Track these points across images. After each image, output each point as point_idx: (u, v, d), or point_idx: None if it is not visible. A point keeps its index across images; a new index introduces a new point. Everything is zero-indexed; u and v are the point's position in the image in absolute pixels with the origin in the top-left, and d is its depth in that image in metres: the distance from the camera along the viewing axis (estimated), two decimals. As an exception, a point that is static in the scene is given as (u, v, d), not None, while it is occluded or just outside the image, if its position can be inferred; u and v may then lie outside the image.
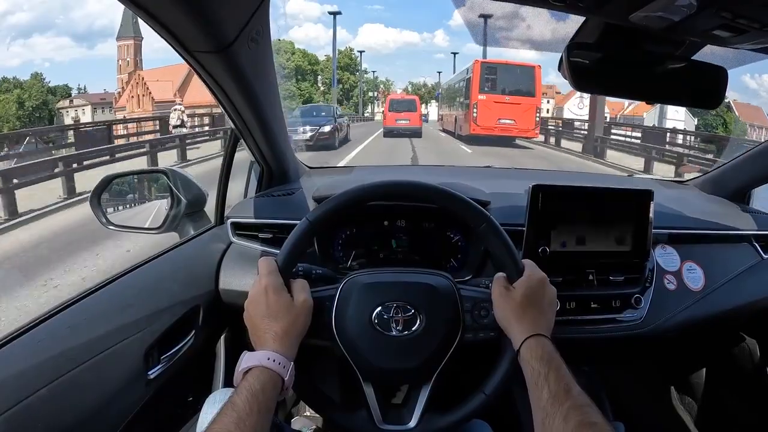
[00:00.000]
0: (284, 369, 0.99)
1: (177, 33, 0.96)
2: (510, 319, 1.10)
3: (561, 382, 0.96)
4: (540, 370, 0.99)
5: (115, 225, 1.65)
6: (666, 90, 1.25)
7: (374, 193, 1.20)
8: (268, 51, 1.25)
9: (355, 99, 79.30)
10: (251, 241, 1.59)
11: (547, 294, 1.15)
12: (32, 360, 1.00)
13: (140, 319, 1.24)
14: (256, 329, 1.06)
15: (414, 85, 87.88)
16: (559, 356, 1.03)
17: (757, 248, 1.88)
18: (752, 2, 0.86)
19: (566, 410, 0.91)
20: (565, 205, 1.47)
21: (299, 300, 1.08)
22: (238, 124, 1.43)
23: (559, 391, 0.95)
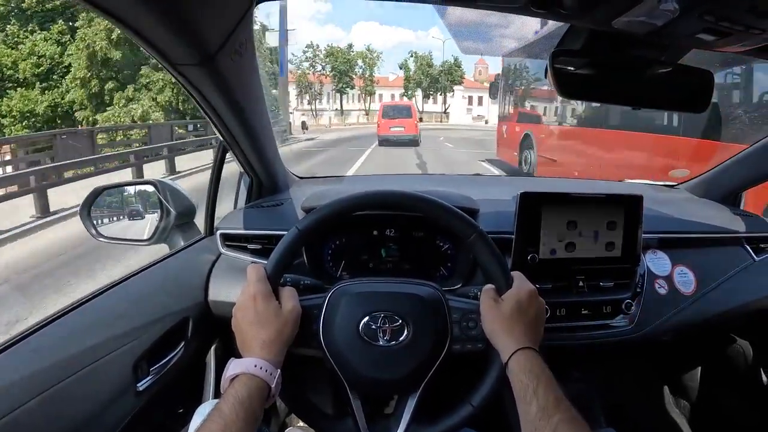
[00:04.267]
0: (271, 376, 1.00)
1: (159, 46, 0.95)
2: (498, 331, 1.10)
3: (550, 395, 0.96)
4: (528, 384, 0.99)
5: (105, 237, 1.65)
6: (653, 95, 1.25)
7: (364, 203, 1.20)
8: (253, 62, 1.24)
9: (342, 85, 71.74)
10: (240, 253, 1.59)
11: (536, 306, 1.14)
12: (20, 372, 1.00)
13: (129, 330, 1.24)
14: (243, 336, 1.06)
15: (419, 58, 76.70)
16: (548, 370, 1.02)
17: (749, 250, 1.88)
18: (734, 5, 0.86)
19: (555, 423, 0.91)
20: (553, 211, 1.46)
21: (287, 307, 1.08)
22: (225, 136, 1.43)
23: (548, 405, 0.95)
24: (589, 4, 0.96)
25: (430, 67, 74.05)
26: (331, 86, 71.57)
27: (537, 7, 0.98)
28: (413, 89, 74.10)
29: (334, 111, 72.24)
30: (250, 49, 1.17)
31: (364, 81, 73.17)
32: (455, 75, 74.70)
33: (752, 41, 1.00)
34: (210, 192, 1.68)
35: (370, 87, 74.02)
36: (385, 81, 77.51)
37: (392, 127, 26.78)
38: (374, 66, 73.47)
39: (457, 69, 74.38)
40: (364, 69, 73.35)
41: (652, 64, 1.20)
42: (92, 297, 1.26)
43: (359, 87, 73.31)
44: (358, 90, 73.99)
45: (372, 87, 74.33)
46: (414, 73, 74.20)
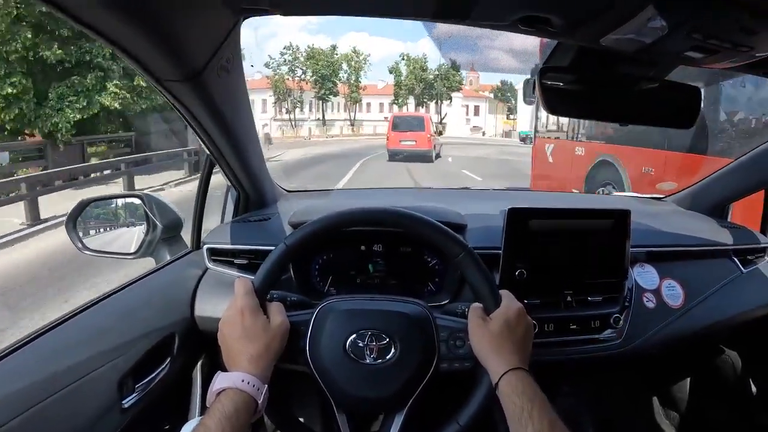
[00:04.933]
0: (258, 391, 0.99)
1: (144, 62, 0.95)
2: (488, 351, 1.09)
3: (544, 419, 0.95)
4: (523, 407, 0.98)
5: (90, 250, 1.63)
6: (640, 111, 1.25)
7: (354, 220, 1.21)
8: (240, 77, 1.24)
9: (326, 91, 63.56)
10: (227, 267, 1.58)
11: (524, 325, 1.14)
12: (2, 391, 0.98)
13: (114, 346, 1.22)
14: (230, 350, 1.05)
15: (412, 61, 69.45)
16: (541, 391, 1.02)
17: (736, 262, 1.89)
18: (722, 24, 0.86)
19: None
20: (541, 227, 1.46)
21: (275, 322, 1.07)
22: (212, 150, 1.42)
23: (543, 429, 0.94)
24: (578, 23, 0.96)
25: (424, 71, 68.22)
26: (312, 93, 65.66)
27: (525, 25, 0.98)
28: (404, 96, 67.94)
29: (315, 121, 66.85)
30: (237, 64, 1.17)
31: (349, 87, 67.50)
32: (453, 81, 69.24)
33: (740, 58, 1.00)
34: (197, 206, 1.66)
35: (356, 94, 68.06)
36: (373, 89, 73.29)
37: (402, 140, 24.81)
38: (361, 70, 67.67)
39: (455, 74, 68.79)
40: (349, 74, 67.72)
41: (639, 81, 1.21)
42: (77, 312, 1.24)
43: (344, 94, 67.89)
44: (343, 98, 68.49)
45: (358, 94, 68.24)
46: (406, 78, 68.17)
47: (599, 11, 0.90)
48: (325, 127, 64.87)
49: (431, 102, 69.48)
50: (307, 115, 67.94)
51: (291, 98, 65.23)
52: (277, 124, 61.61)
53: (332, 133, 62.46)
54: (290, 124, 64.80)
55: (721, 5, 0.79)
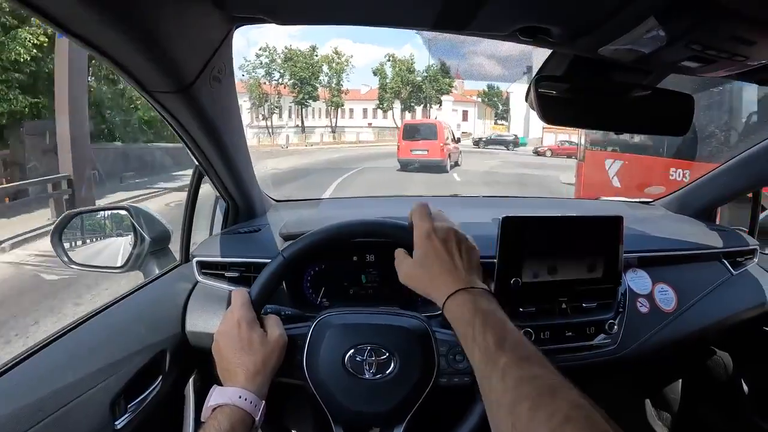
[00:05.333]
0: (255, 408, 0.97)
1: (135, 74, 0.93)
2: (424, 283, 1.05)
3: (489, 335, 0.88)
4: (466, 331, 0.92)
5: (77, 264, 1.61)
6: (634, 119, 1.25)
7: (352, 232, 1.21)
8: (231, 87, 1.22)
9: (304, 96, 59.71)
10: (218, 280, 1.56)
11: (458, 240, 1.10)
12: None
13: (105, 366, 1.19)
14: (226, 363, 1.03)
15: (398, 62, 64.29)
16: (488, 305, 0.95)
17: (726, 265, 1.91)
18: (720, 34, 0.86)
19: (502, 368, 0.82)
20: (535, 235, 1.45)
21: (273, 336, 1.05)
22: (201, 161, 1.40)
23: (489, 348, 0.86)
24: (578, 33, 0.96)
25: (411, 73, 63.70)
26: (291, 98, 62.19)
27: (525, 35, 0.98)
28: (390, 101, 63.73)
29: (294, 128, 63.67)
30: (229, 73, 1.15)
31: (330, 91, 63.63)
32: (442, 83, 64.48)
33: (735, 67, 1.00)
34: (185, 217, 1.64)
35: (337, 98, 64.13)
36: (356, 94, 69.72)
37: (414, 149, 23.31)
38: (342, 72, 63.91)
39: (444, 76, 63.85)
40: (330, 77, 63.87)
41: (633, 88, 1.21)
42: (65, 332, 1.22)
43: (324, 99, 63.81)
44: (323, 103, 64.46)
45: (339, 98, 64.38)
46: (391, 81, 63.61)
47: (600, 22, 0.90)
48: (305, 135, 60.80)
49: (419, 106, 65.24)
50: (285, 121, 66.14)
51: (268, 104, 62.44)
52: (253, 131, 58.42)
53: (312, 140, 57.59)
54: (267, 131, 61.76)
55: (721, 16, 0.79)
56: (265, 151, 37.29)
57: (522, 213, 1.45)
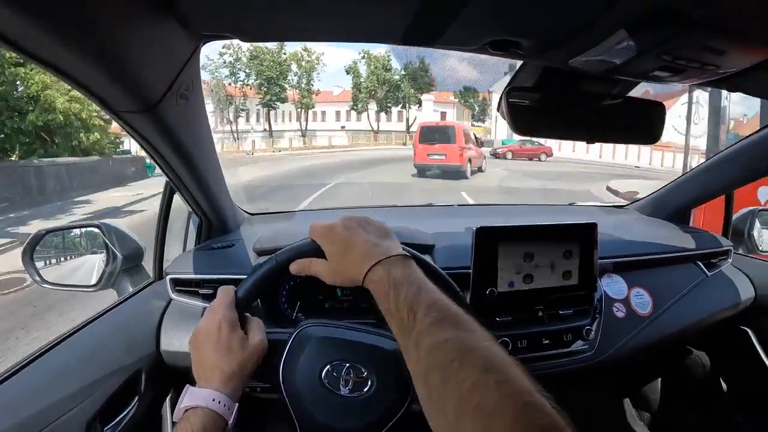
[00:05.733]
0: (228, 411, 0.95)
1: (99, 94, 0.91)
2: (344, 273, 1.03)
3: (404, 305, 0.85)
4: (384, 305, 0.90)
5: (49, 283, 1.58)
6: (606, 128, 1.26)
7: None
8: (200, 103, 1.21)
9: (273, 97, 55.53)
10: (192, 298, 1.54)
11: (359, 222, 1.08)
12: None
13: (79, 389, 1.17)
14: (203, 362, 1.00)
15: (373, 59, 58.55)
16: (402, 271, 0.93)
17: (701, 266, 1.93)
18: (691, 45, 0.86)
19: (415, 337, 0.80)
20: (510, 244, 1.46)
21: (254, 340, 1.03)
22: (172, 177, 1.39)
23: (403, 318, 0.84)
24: (548, 45, 0.96)
25: (387, 71, 58.85)
26: (257, 100, 57.40)
27: (495, 48, 0.98)
28: (365, 101, 58.87)
29: (261, 133, 58.86)
30: (197, 90, 1.14)
31: (299, 92, 58.84)
32: (422, 81, 59.38)
33: (706, 76, 1.01)
34: (158, 234, 1.62)
35: (308, 99, 59.29)
36: (329, 96, 64.59)
37: (431, 153, 21.59)
38: (313, 71, 58.81)
39: (424, 74, 58.99)
40: (299, 76, 58.82)
41: (603, 98, 1.22)
42: (37, 356, 1.19)
43: (293, 101, 58.88)
44: (292, 104, 59.64)
45: (310, 99, 59.56)
46: (366, 80, 58.85)
47: (570, 35, 0.90)
48: (272, 140, 56.39)
49: (396, 107, 60.83)
50: (252, 126, 61.90)
51: (233, 106, 57.90)
52: (217, 136, 52.38)
53: (280, 146, 52.96)
54: (232, 136, 56.81)
55: (691, 27, 0.80)
56: (228, 158, 35.05)
57: (496, 222, 1.45)
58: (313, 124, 62.68)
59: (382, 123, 60.39)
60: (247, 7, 0.86)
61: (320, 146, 53.71)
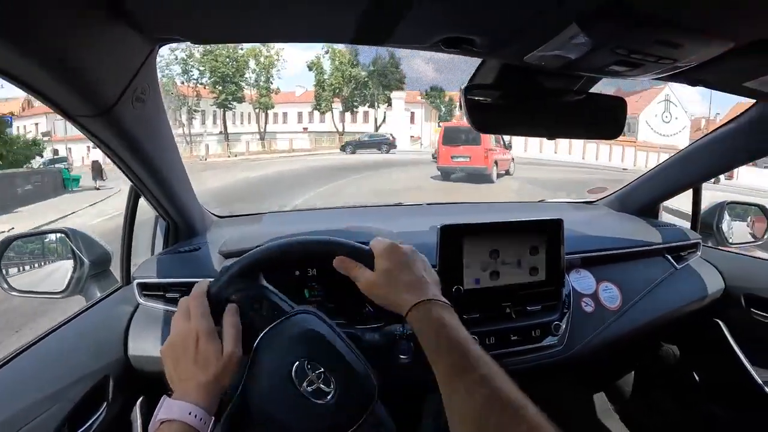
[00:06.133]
0: (204, 425, 0.92)
1: (52, 98, 0.90)
2: (388, 293, 1.07)
3: (456, 351, 0.91)
4: (430, 342, 0.95)
5: (17, 290, 1.56)
6: (567, 124, 1.27)
7: (308, 251, 1.23)
8: (159, 106, 1.21)
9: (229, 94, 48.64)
10: (159, 302, 1.52)
11: (421, 259, 1.13)
12: None
13: (46, 396, 1.15)
14: (178, 373, 0.98)
15: (338, 54, 51.76)
16: (451, 319, 0.98)
17: (670, 260, 1.94)
18: (645, 39, 0.87)
19: (468, 383, 0.85)
20: (475, 242, 1.46)
21: (227, 350, 0.99)
22: (135, 182, 1.37)
23: (455, 363, 0.90)
24: (502, 42, 0.96)
25: (354, 67, 52.51)
26: (211, 100, 50.84)
27: (448, 46, 0.98)
28: (328, 100, 53.16)
29: (216, 136, 51.77)
30: (154, 93, 1.13)
31: (258, 91, 52.56)
32: (392, 78, 53.13)
33: (664, 69, 1.01)
34: (124, 239, 1.60)
35: (266, 98, 52.66)
36: (291, 96, 58.06)
37: (454, 156, 20.44)
38: (272, 68, 52.38)
39: (394, 70, 52.92)
40: (258, 73, 52.55)
41: (565, 94, 1.22)
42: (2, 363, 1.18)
43: (251, 101, 52.77)
44: (250, 105, 53.41)
45: (269, 99, 52.97)
46: (330, 77, 52.85)
47: (522, 30, 0.90)
48: (228, 143, 49.94)
49: (364, 106, 54.75)
50: (208, 128, 54.70)
51: (186, 107, 50.67)
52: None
53: (237, 150, 47.05)
54: (184, 139, 48.54)
55: (643, 21, 0.80)
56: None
57: (463, 220, 1.46)
58: (274, 126, 57.44)
59: (348, 124, 54.86)
60: (198, 10, 0.85)
61: (280, 150, 49.02)
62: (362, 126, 53.04)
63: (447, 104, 55.10)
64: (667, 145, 33.95)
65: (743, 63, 1.02)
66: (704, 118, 42.46)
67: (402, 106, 51.34)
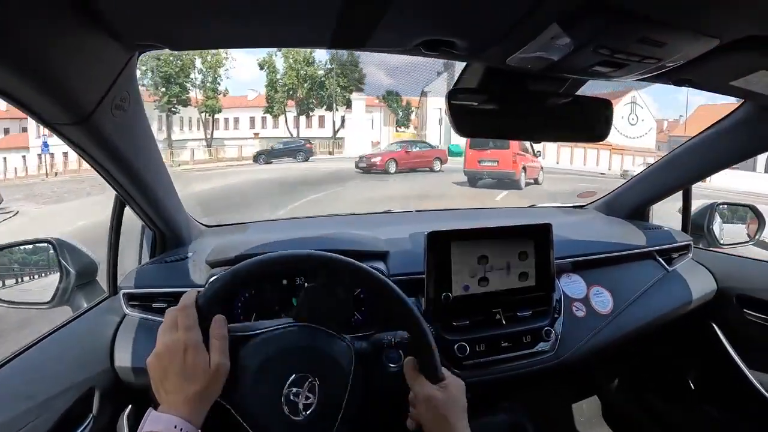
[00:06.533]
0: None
1: (29, 106, 0.89)
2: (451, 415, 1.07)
3: None
4: None
5: (2, 301, 1.55)
6: (553, 127, 1.26)
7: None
8: (139, 114, 1.19)
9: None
10: (146, 312, 1.51)
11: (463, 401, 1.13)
12: None
13: (30, 408, 1.14)
14: (165, 386, 0.96)
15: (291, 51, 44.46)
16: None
17: (661, 262, 1.94)
18: (627, 39, 0.86)
19: None
20: (463, 248, 1.45)
21: (214, 362, 0.98)
22: (119, 191, 1.36)
23: None
24: (483, 44, 0.96)
25: (309, 65, 47.08)
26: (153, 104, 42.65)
27: (428, 49, 0.97)
28: (282, 103, 47.92)
29: (161, 143, 41.01)
30: (135, 100, 1.12)
31: (204, 92, 46.32)
32: (351, 78, 48.06)
33: (648, 69, 1.01)
34: (110, 248, 1.59)
35: (213, 101, 46.50)
36: (242, 101, 52.27)
37: (482, 160, 19.69)
38: (220, 66, 46.00)
39: (354, 68, 47.60)
40: (205, 74, 46.18)
41: (551, 97, 1.21)
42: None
43: (197, 104, 46.55)
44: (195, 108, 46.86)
45: (216, 101, 46.84)
46: (284, 77, 47.56)
47: (503, 32, 0.89)
48: (171, 151, 41.01)
49: (321, 108, 49.10)
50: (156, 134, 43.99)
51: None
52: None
53: (181, 158, 39.44)
54: None
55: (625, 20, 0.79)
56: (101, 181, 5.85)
57: (451, 226, 1.45)
58: (225, 132, 51.54)
59: (302, 129, 49.19)
60: (176, 16, 0.84)
61: (228, 158, 42.04)
62: (318, 131, 48.96)
63: (404, 108, 53.02)
64: (642, 149, 34.29)
65: (730, 61, 1.01)
66: (666, 120, 42.72)
67: (363, 108, 45.84)
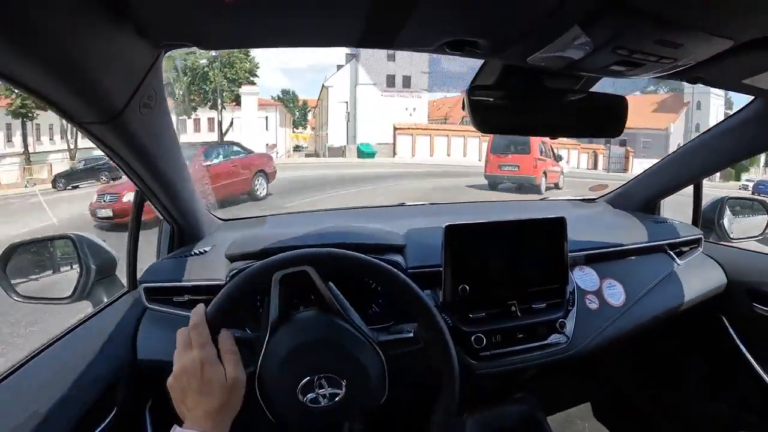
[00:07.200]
0: None
1: (60, 105, 0.91)
2: None
3: None
4: None
5: (23, 297, 1.57)
6: (569, 123, 1.27)
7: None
8: (164, 111, 1.20)
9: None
10: (167, 306, 1.52)
11: None
12: None
13: (55, 404, 1.15)
14: (186, 403, 0.98)
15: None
16: None
17: (672, 256, 1.95)
18: (646, 39, 0.88)
19: None
20: (480, 241, 1.48)
21: (230, 376, 0.99)
22: (141, 186, 1.37)
23: None
24: (505, 44, 0.97)
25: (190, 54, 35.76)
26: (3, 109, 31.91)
27: (452, 48, 0.99)
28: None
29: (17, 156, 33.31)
30: (160, 99, 1.13)
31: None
32: (240, 69, 38.75)
33: (664, 68, 1.02)
34: (129, 243, 1.60)
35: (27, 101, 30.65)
36: None
37: (503, 164, 19.45)
38: None
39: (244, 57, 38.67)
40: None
41: (566, 94, 1.23)
42: (10, 373, 1.18)
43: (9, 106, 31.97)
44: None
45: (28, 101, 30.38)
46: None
47: (526, 32, 0.91)
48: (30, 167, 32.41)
49: (205, 106, 39.55)
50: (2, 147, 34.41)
51: None
52: None
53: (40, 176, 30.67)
54: None
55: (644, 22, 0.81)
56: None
57: (468, 219, 1.46)
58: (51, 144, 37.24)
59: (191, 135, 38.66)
60: (205, 15, 0.86)
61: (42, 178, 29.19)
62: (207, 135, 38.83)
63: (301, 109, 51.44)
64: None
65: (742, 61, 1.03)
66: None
67: (254, 104, 39.71)
